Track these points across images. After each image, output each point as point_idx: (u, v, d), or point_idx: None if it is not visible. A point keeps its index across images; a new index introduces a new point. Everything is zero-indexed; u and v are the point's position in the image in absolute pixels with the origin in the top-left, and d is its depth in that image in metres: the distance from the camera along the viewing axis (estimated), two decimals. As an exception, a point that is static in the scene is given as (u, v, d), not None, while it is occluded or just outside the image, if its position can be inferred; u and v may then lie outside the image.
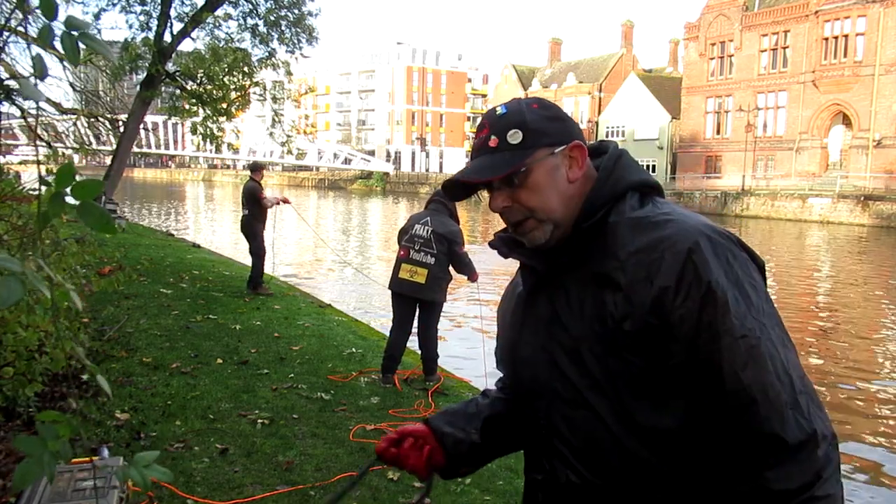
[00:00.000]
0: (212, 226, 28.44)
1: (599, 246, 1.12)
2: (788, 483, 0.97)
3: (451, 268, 5.47)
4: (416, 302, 5.41)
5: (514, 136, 1.14)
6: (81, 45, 0.81)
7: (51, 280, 0.80)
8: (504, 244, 1.24)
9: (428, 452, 1.32)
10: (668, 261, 1.04)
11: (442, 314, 5.65)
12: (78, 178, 0.79)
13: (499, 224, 1.27)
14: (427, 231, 5.32)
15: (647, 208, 1.13)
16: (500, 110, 1.18)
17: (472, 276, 5.55)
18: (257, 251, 8.68)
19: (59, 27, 0.80)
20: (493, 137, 1.15)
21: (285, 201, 9.13)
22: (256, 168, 8.94)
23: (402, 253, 5.42)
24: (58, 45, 0.79)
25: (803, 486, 0.97)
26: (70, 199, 0.79)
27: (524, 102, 1.19)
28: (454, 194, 1.25)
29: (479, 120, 1.26)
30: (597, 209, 1.13)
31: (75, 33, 0.80)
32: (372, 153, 77.40)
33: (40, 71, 0.83)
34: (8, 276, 0.73)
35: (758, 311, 1.03)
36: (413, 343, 5.71)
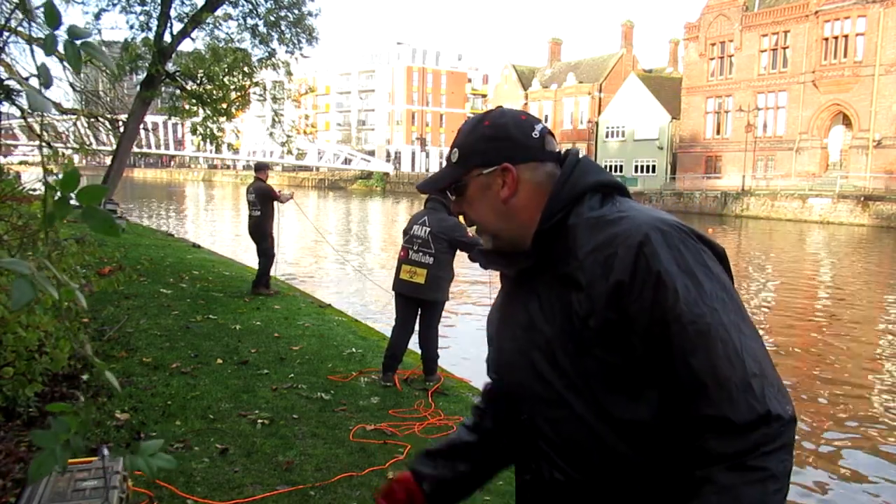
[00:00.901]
0: (212, 226, 28.43)
1: (562, 248, 1.16)
2: (725, 449, 1.00)
3: (453, 265, 5.47)
4: (418, 302, 5.42)
5: (454, 154, 1.27)
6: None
7: (57, 279, 0.82)
8: (482, 256, 1.32)
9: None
10: (620, 256, 1.08)
11: (443, 314, 5.65)
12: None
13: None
14: (425, 231, 5.35)
15: (606, 208, 1.17)
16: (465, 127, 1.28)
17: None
18: (267, 252, 8.61)
19: (61, 35, 0.82)
20: (448, 153, 1.29)
21: (291, 196, 8.99)
22: (261, 168, 8.78)
23: (402, 254, 5.45)
24: (60, 49, 0.81)
25: (737, 452, 0.99)
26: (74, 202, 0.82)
27: (480, 120, 1.27)
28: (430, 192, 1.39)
29: None
30: (555, 213, 1.18)
31: (78, 42, 0.82)
32: (372, 153, 77.40)
33: (46, 79, 0.84)
34: (19, 279, 0.76)
35: (710, 296, 1.05)
36: (414, 343, 5.71)
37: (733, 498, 0.99)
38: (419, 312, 5.48)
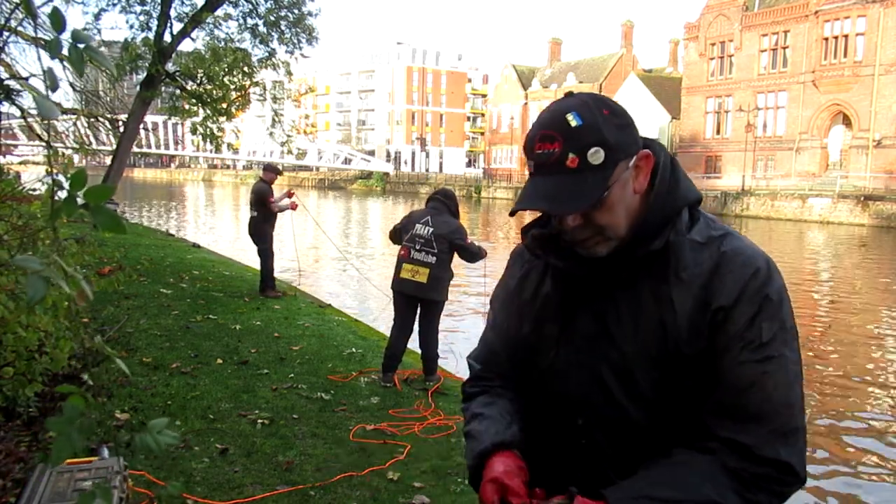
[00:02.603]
0: (212, 226, 28.41)
1: (660, 265, 1.09)
2: (736, 464, 1.02)
3: (452, 265, 5.47)
4: (418, 301, 5.42)
5: (596, 156, 1.02)
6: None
7: (65, 272, 0.84)
8: (539, 246, 1.18)
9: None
10: (727, 283, 1.06)
11: (443, 314, 5.65)
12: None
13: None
14: (428, 231, 5.35)
15: (701, 225, 1.12)
16: (573, 120, 1.03)
17: (482, 256, 5.47)
18: (265, 253, 8.62)
19: (64, 39, 0.84)
20: (571, 156, 1.02)
21: (293, 207, 8.92)
22: (266, 169, 8.72)
23: (402, 253, 5.44)
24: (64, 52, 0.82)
25: (743, 469, 1.02)
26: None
27: (594, 107, 1.05)
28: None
29: (540, 117, 1.08)
30: (660, 229, 1.09)
31: (81, 46, 0.85)
32: (372, 153, 77.40)
33: (53, 83, 0.86)
34: (32, 275, 0.78)
35: (788, 341, 1.06)
36: (413, 343, 5.71)
37: (720, 491, 1.01)
38: (419, 312, 5.49)
